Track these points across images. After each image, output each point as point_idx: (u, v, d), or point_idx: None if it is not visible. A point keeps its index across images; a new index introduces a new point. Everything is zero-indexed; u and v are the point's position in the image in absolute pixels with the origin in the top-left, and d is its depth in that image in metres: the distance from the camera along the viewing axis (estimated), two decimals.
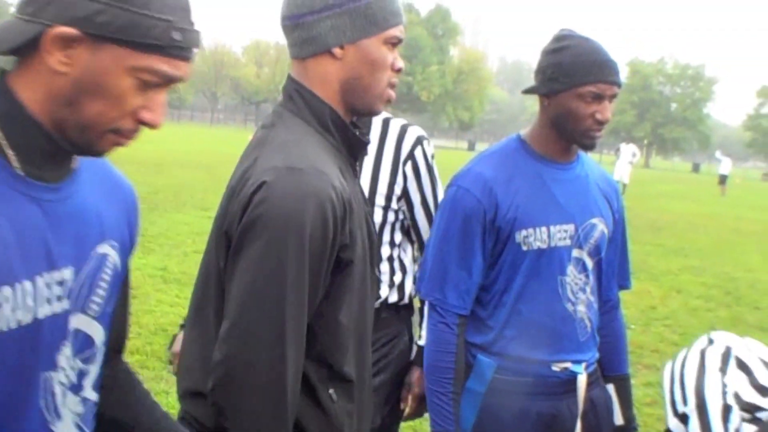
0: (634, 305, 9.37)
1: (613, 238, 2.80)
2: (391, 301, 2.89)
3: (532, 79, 2.69)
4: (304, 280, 1.80)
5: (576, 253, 2.66)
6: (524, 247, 2.59)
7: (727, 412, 1.68)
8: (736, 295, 11.34)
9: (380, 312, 2.77)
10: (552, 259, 2.62)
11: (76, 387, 1.52)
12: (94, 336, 1.54)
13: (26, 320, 1.35)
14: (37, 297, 1.36)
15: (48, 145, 1.37)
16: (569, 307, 2.65)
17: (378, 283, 2.76)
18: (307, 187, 1.79)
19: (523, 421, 2.63)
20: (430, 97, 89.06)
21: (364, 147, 2.07)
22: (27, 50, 1.32)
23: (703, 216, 24.59)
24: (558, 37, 2.64)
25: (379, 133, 2.84)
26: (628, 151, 32.40)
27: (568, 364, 2.66)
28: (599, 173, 2.84)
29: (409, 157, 2.84)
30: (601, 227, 2.72)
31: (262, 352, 1.78)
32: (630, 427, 2.87)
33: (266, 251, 1.78)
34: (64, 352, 1.46)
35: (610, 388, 2.85)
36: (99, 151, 1.42)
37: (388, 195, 2.81)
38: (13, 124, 1.35)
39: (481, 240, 2.60)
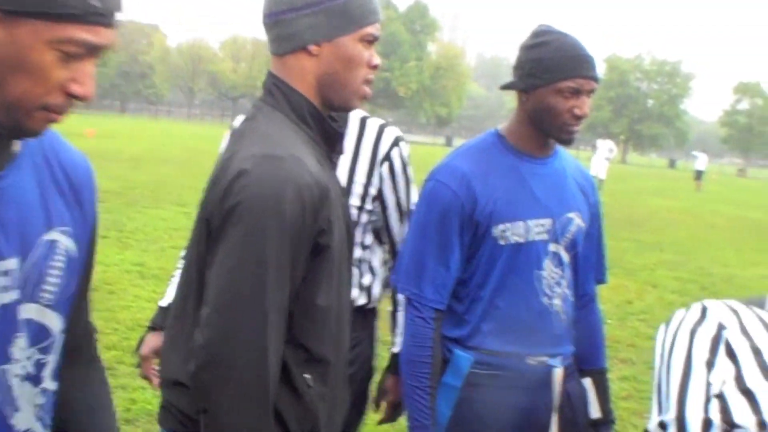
0: (611, 300, 9.43)
1: (590, 233, 2.81)
2: (359, 303, 2.84)
3: (510, 75, 2.69)
4: (284, 263, 1.83)
5: (553, 248, 2.67)
6: (501, 242, 2.60)
7: (707, 428, 1.67)
8: (711, 290, 11.43)
9: None
10: (529, 254, 2.62)
11: (34, 378, 1.49)
12: (49, 325, 1.50)
13: None
14: None
15: None
16: (545, 301, 2.66)
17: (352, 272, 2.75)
18: (285, 172, 1.83)
19: (499, 415, 2.63)
20: (408, 93, 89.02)
21: (341, 138, 2.12)
22: None
23: (679, 211, 24.76)
24: (536, 33, 2.64)
25: (357, 132, 2.81)
26: (605, 147, 32.52)
27: (544, 358, 2.67)
28: (576, 167, 2.85)
29: (386, 158, 2.81)
30: (577, 221, 2.73)
31: (243, 336, 1.80)
32: (607, 420, 2.88)
33: (246, 236, 1.81)
34: (18, 343, 1.43)
35: (587, 382, 2.86)
36: (31, 131, 1.36)
37: (363, 195, 2.77)
38: None
39: (459, 234, 2.60)
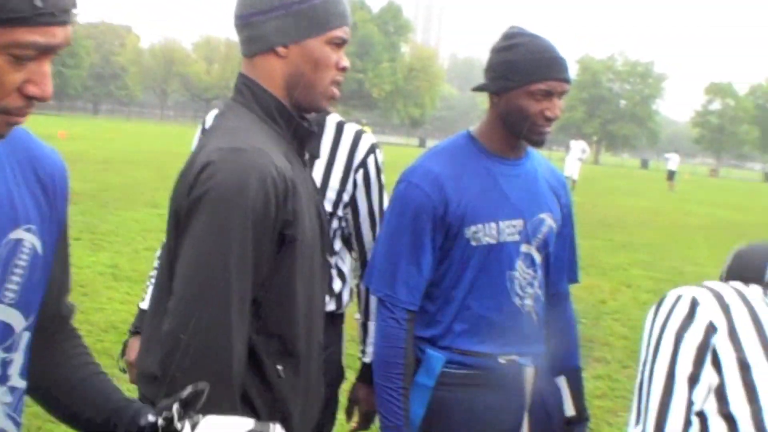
0: (584, 300, 9.46)
1: (561, 233, 2.82)
2: (329, 309, 2.80)
3: (482, 77, 2.70)
4: (247, 252, 1.86)
5: (524, 248, 2.68)
6: (473, 243, 2.61)
7: None
8: None
9: None
10: (501, 255, 2.63)
11: (0, 377, 1.48)
12: (12, 323, 1.48)
13: None
14: None
15: None
16: (517, 301, 2.67)
17: (329, 270, 2.76)
18: (249, 163, 1.86)
19: (471, 414, 2.64)
20: (381, 94, 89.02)
21: (311, 136, 2.15)
22: None
23: (652, 211, 24.91)
24: (507, 35, 2.65)
25: (333, 137, 2.80)
26: (578, 148, 32.70)
27: (515, 357, 2.69)
28: (547, 168, 2.87)
29: (362, 165, 2.81)
30: (549, 222, 2.74)
31: (206, 322, 1.82)
32: (582, 417, 2.89)
33: (210, 225, 1.84)
34: None
35: (562, 381, 2.87)
36: None
37: (336, 202, 2.77)
38: None
39: (431, 236, 2.61)
